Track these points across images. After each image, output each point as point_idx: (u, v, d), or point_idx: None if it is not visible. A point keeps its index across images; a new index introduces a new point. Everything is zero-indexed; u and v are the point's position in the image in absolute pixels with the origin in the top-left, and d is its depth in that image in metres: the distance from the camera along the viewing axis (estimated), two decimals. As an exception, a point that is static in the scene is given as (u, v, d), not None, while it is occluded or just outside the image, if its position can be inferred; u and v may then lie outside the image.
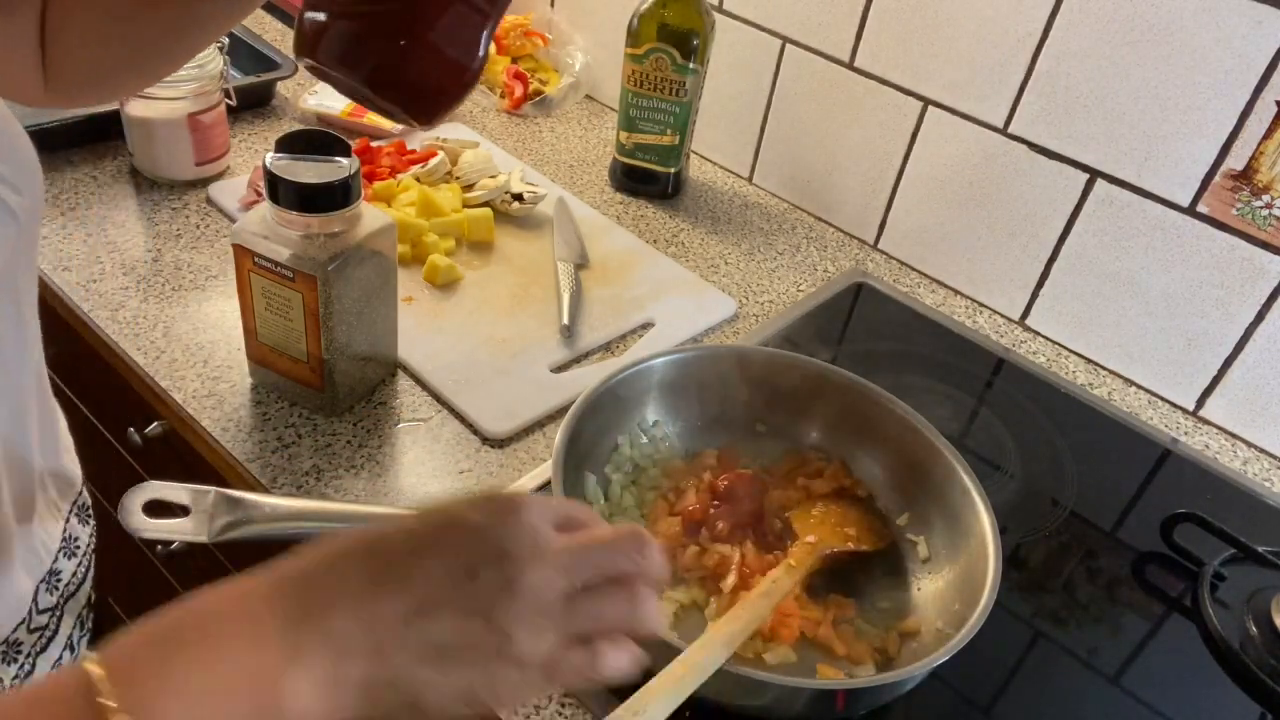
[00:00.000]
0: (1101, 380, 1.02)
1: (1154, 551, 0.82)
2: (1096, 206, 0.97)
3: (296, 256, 0.72)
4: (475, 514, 0.42)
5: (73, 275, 0.90)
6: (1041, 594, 0.77)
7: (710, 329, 0.98)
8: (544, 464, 0.79)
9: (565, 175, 1.18)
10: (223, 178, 1.05)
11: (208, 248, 0.96)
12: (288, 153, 0.72)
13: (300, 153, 0.72)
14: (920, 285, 1.11)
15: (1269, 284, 0.90)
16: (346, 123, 1.16)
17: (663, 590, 0.43)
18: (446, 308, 0.94)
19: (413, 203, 1.02)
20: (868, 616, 0.71)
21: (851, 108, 1.11)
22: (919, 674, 0.61)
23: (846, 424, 0.80)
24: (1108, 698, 0.71)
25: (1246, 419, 0.96)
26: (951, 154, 1.05)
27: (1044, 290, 1.04)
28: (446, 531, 0.41)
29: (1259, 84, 0.84)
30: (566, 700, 0.63)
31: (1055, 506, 0.85)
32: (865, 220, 1.15)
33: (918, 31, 1.03)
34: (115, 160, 1.06)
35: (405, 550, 0.41)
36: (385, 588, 0.39)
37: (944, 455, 0.74)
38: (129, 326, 0.86)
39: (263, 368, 0.81)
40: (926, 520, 0.75)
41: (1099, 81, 0.93)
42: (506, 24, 1.34)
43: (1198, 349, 0.96)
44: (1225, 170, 0.88)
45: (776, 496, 0.76)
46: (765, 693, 0.60)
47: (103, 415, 1.06)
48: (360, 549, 0.41)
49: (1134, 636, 0.75)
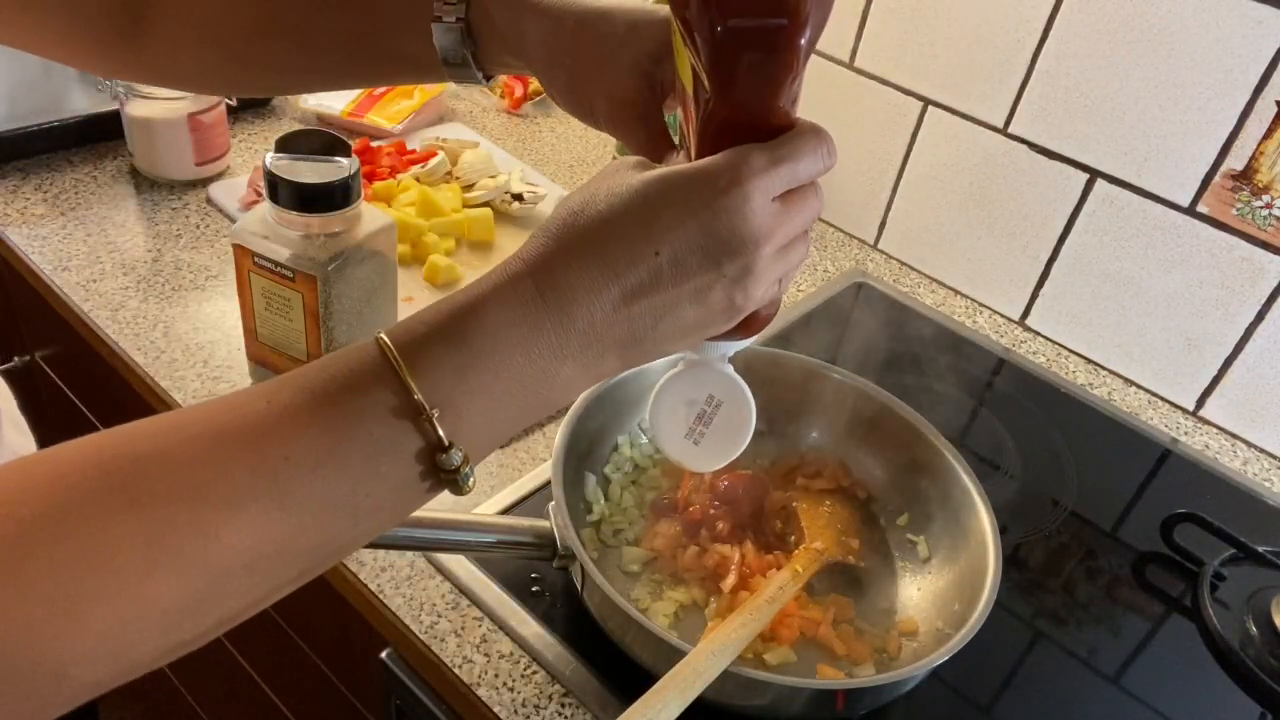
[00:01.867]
0: (1101, 380, 1.02)
1: (1154, 551, 0.82)
2: (1096, 206, 0.97)
3: (296, 256, 0.72)
4: (699, 196, 0.41)
5: (73, 275, 0.90)
6: (1041, 594, 0.77)
7: (710, 329, 0.98)
8: (544, 464, 0.79)
9: (565, 175, 1.18)
10: (223, 178, 1.05)
11: (208, 248, 0.96)
12: (288, 153, 0.72)
13: (300, 153, 0.72)
14: (920, 285, 1.11)
15: (1269, 284, 0.90)
16: (346, 123, 1.16)
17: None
18: (446, 308, 0.94)
19: (413, 203, 1.02)
20: (868, 616, 0.71)
21: (851, 108, 1.11)
22: (919, 674, 0.61)
23: (846, 424, 0.80)
24: (1108, 698, 0.71)
25: (1246, 419, 0.96)
26: (951, 154, 1.05)
27: (1044, 290, 1.04)
28: (675, 217, 0.41)
29: (1259, 84, 0.84)
30: (566, 700, 0.64)
31: (1055, 506, 0.85)
32: (865, 220, 1.15)
33: (918, 31, 1.03)
34: (115, 160, 1.06)
35: (641, 238, 0.41)
36: (629, 283, 0.40)
37: (944, 455, 0.74)
38: (129, 326, 0.86)
39: (263, 368, 0.81)
40: (926, 520, 0.75)
41: (1099, 81, 0.93)
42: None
43: (1198, 349, 0.96)
44: (1225, 170, 0.88)
45: (776, 496, 0.76)
46: (765, 693, 0.60)
47: (103, 415, 1.06)
48: (594, 233, 0.41)
49: (1134, 636, 0.75)
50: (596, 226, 0.41)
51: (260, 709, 1.06)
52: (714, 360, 0.51)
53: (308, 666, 0.90)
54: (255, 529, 0.35)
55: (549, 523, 0.65)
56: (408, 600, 0.68)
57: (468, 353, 0.39)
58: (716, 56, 0.41)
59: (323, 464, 0.36)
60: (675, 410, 0.52)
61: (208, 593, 0.35)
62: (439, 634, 0.66)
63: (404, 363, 0.38)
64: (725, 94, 0.42)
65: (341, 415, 0.37)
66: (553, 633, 0.67)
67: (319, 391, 0.37)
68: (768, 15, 0.40)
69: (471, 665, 0.65)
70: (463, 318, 0.39)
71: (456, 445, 0.38)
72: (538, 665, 0.65)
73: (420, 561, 0.71)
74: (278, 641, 0.93)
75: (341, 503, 0.37)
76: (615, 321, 0.41)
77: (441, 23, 0.56)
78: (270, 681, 1.03)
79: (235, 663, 1.06)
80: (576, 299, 0.40)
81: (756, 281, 0.42)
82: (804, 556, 0.70)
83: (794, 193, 0.43)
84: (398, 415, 0.37)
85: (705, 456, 0.53)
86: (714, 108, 0.43)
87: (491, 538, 0.65)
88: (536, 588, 0.69)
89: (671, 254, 0.40)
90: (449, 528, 0.63)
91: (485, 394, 0.39)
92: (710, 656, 0.57)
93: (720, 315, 0.43)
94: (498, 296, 0.40)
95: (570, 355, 0.40)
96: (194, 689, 1.25)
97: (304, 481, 0.36)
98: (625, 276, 0.40)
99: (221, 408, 0.37)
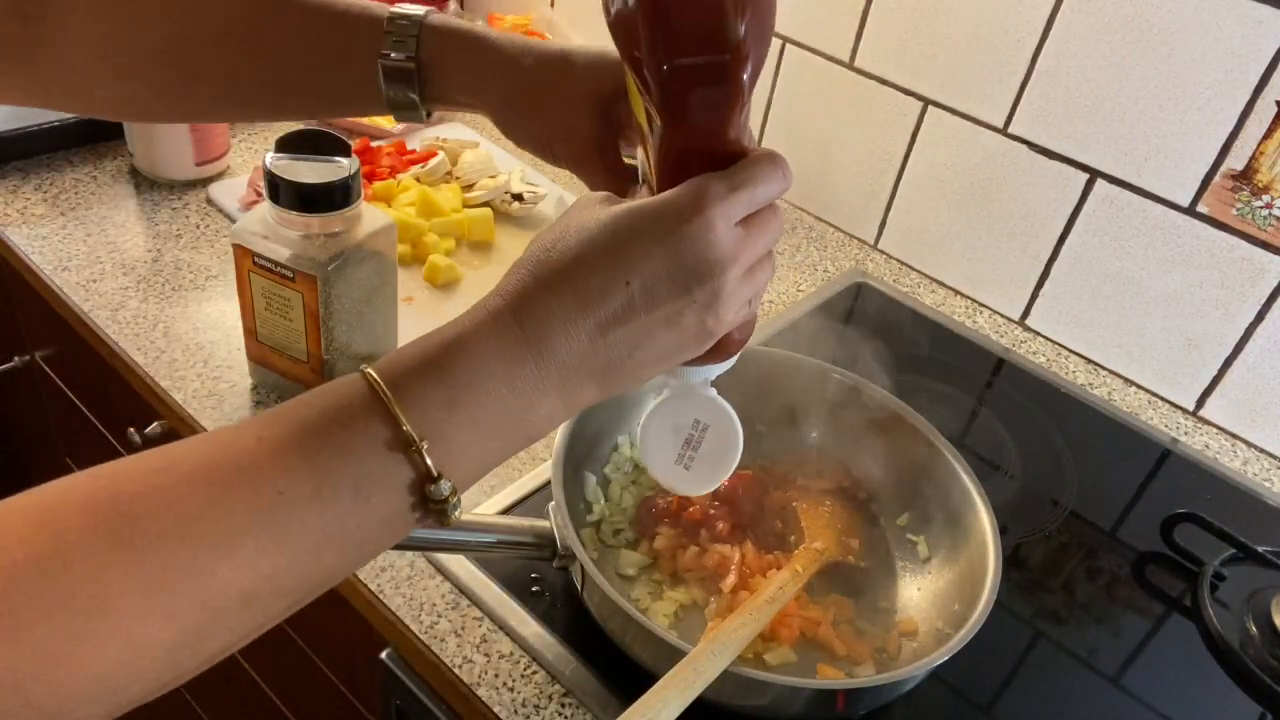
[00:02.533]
0: (1101, 380, 1.02)
1: (1154, 551, 0.82)
2: (1096, 206, 0.97)
3: (296, 256, 0.72)
4: (664, 225, 0.43)
5: (73, 275, 0.90)
6: (1041, 594, 0.77)
7: (710, 329, 0.98)
8: (544, 464, 0.79)
9: (565, 175, 1.18)
10: (223, 178, 1.05)
11: (208, 248, 0.96)
12: (288, 153, 0.72)
13: (300, 153, 0.72)
14: (920, 285, 1.11)
15: (1269, 284, 0.90)
16: (346, 123, 1.16)
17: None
18: (446, 308, 0.94)
19: (413, 203, 1.02)
20: (868, 616, 0.71)
21: (851, 108, 1.11)
22: (919, 674, 0.61)
23: (846, 424, 0.79)
24: (1108, 698, 0.71)
25: (1246, 419, 0.96)
26: (951, 154, 1.05)
27: (1044, 290, 1.04)
28: (643, 248, 0.42)
29: (1259, 84, 0.84)
30: (566, 700, 0.64)
31: (1055, 506, 0.85)
32: (865, 220, 1.15)
33: (918, 31, 1.03)
34: (115, 160, 1.06)
35: (612, 269, 0.42)
36: (604, 313, 0.42)
37: (944, 455, 0.74)
38: (129, 326, 0.86)
39: (263, 367, 0.81)
40: (926, 520, 0.75)
41: (1099, 81, 0.93)
42: (505, 25, 1.34)
43: (1198, 349, 0.96)
44: (1225, 170, 0.88)
45: (776, 496, 0.76)
46: (765, 693, 0.60)
47: (103, 415, 1.06)
48: (567, 267, 0.42)
49: (1134, 636, 0.75)
50: (569, 261, 0.42)
51: (260, 709, 1.06)
52: (697, 386, 0.53)
53: (308, 666, 0.90)
54: (251, 566, 0.35)
55: (549, 523, 0.65)
56: (408, 600, 0.68)
57: (454, 385, 0.40)
58: (666, 94, 0.44)
59: (316, 497, 0.37)
60: (663, 437, 0.54)
61: (204, 630, 0.35)
62: (439, 634, 0.66)
63: (393, 395, 0.38)
64: (678, 128, 0.45)
65: (333, 449, 0.37)
66: (553, 633, 0.67)
67: (309, 426, 0.38)
68: (711, 53, 0.43)
69: (471, 665, 0.65)
70: (448, 352, 0.40)
71: (445, 476, 0.39)
72: (538, 665, 0.65)
73: (420, 561, 0.71)
74: (278, 641, 0.93)
75: (332, 535, 0.37)
76: (593, 351, 0.42)
77: (390, 60, 0.57)
78: (270, 681, 1.03)
79: (235, 663, 1.06)
80: (554, 330, 0.41)
81: (726, 305, 0.44)
82: (804, 556, 0.70)
83: (755, 216, 0.45)
84: (389, 447, 0.38)
85: (696, 480, 0.55)
86: (668, 141, 0.45)
87: (491, 538, 0.65)
88: (536, 588, 0.69)
89: (642, 283, 0.42)
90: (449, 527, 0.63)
91: (472, 426, 0.40)
92: (710, 656, 0.57)
93: (694, 340, 0.44)
94: (481, 331, 0.41)
95: (551, 386, 0.42)
96: (194, 689, 1.25)
97: (297, 516, 0.36)
98: (600, 307, 0.41)
99: (211, 444, 0.37)
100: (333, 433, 0.38)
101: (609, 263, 0.42)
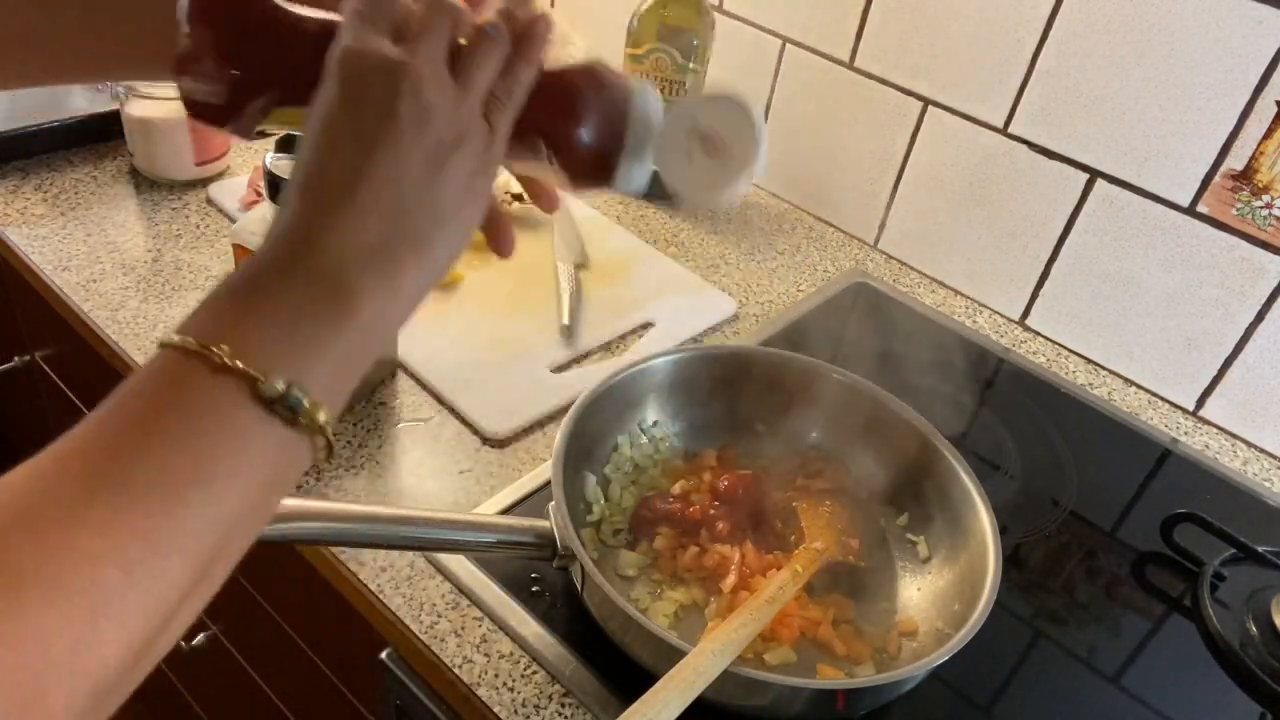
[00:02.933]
0: (1101, 380, 1.02)
1: (1154, 551, 0.82)
2: (1096, 206, 0.97)
3: (296, 256, 0.72)
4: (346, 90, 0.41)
5: (73, 275, 0.90)
6: (1041, 594, 0.77)
7: (710, 329, 0.98)
8: (544, 464, 0.79)
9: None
10: (223, 178, 1.05)
11: (208, 248, 0.96)
12: (288, 153, 0.72)
13: (300, 153, 0.72)
14: (920, 285, 1.11)
15: (1269, 284, 0.90)
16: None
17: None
18: (446, 308, 0.94)
19: (413, 203, 1.02)
20: (868, 616, 0.71)
21: (851, 108, 1.11)
22: (919, 674, 0.61)
23: (846, 424, 0.80)
24: (1108, 698, 0.71)
25: (1246, 419, 0.96)
26: (951, 154, 1.05)
27: (1044, 290, 1.04)
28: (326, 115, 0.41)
29: (1259, 84, 0.84)
30: (566, 700, 0.64)
31: (1055, 506, 0.85)
32: (865, 220, 1.15)
33: (918, 31, 1.03)
34: (115, 160, 1.06)
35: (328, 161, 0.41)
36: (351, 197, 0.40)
37: (944, 455, 0.74)
38: (129, 326, 0.86)
39: (263, 368, 0.81)
40: (926, 520, 0.75)
41: (1099, 81, 0.93)
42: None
43: (1198, 349, 0.96)
44: (1225, 170, 0.88)
45: (776, 496, 0.76)
46: (765, 693, 0.60)
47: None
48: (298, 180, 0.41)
49: (1134, 636, 0.75)
50: (297, 182, 0.41)
51: (260, 709, 1.06)
52: (689, 103, 0.49)
53: (308, 666, 0.90)
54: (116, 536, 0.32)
55: (549, 523, 0.65)
56: (408, 600, 0.68)
57: (235, 290, 0.38)
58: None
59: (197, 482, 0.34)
60: (678, 142, 0.49)
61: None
62: (439, 634, 0.66)
63: (177, 335, 0.36)
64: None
65: (158, 410, 0.35)
66: (553, 633, 0.67)
67: (134, 411, 0.35)
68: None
69: (471, 665, 0.65)
70: (225, 279, 0.39)
71: (270, 376, 0.36)
72: (538, 665, 0.65)
73: (420, 561, 0.71)
74: (278, 641, 0.93)
75: (193, 481, 0.34)
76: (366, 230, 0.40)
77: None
78: (270, 681, 1.03)
79: (235, 662, 1.06)
80: (316, 229, 0.39)
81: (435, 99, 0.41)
82: (804, 556, 0.70)
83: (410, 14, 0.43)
84: (198, 375, 0.35)
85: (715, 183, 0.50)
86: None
87: (491, 538, 0.65)
88: (536, 588, 0.69)
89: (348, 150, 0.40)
90: (449, 528, 0.63)
91: (274, 323, 0.37)
92: (710, 656, 0.57)
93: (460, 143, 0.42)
94: (257, 259, 0.39)
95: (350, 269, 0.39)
96: (194, 689, 1.25)
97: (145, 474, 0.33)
98: (344, 198, 0.40)
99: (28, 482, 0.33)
100: (158, 402, 0.35)
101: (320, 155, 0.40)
